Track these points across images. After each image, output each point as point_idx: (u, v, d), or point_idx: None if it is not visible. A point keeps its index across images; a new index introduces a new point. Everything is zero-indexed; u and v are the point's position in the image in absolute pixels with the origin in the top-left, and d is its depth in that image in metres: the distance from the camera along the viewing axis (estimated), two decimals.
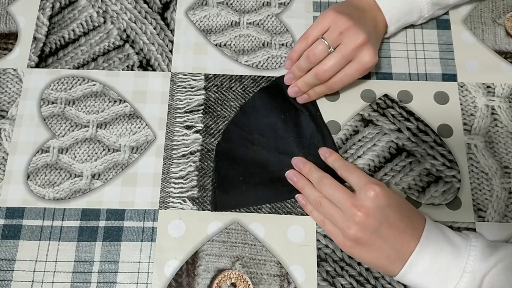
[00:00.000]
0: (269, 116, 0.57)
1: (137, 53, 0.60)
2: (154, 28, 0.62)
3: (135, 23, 0.62)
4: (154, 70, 0.60)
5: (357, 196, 0.47)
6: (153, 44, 0.61)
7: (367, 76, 0.59)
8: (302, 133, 0.56)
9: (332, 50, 0.52)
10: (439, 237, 0.46)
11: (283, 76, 0.58)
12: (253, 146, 0.55)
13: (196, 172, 0.55)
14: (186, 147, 0.56)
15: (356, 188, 0.48)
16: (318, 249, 0.52)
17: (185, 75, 0.59)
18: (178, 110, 0.58)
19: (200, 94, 0.58)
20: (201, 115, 0.57)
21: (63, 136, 0.57)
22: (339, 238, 0.48)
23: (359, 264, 0.51)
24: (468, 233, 0.48)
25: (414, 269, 0.45)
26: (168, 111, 0.58)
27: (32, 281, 0.51)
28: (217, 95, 0.58)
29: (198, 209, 0.53)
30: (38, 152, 0.56)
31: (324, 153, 0.54)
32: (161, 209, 0.53)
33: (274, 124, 0.56)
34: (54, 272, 0.51)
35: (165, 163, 0.55)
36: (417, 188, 0.54)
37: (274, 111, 0.57)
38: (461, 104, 0.58)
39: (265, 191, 0.53)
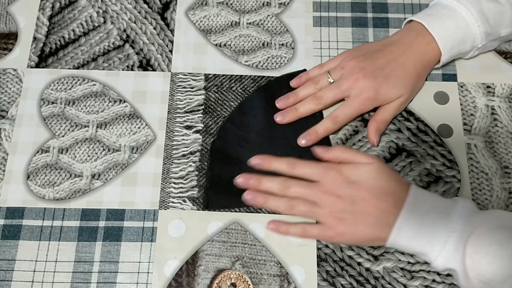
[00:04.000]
0: (266, 116, 0.56)
1: (137, 53, 0.60)
2: (154, 28, 0.62)
3: (135, 23, 0.62)
4: (154, 70, 0.60)
5: (322, 184, 0.49)
6: (153, 44, 0.61)
7: None
8: (298, 134, 0.55)
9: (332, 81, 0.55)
10: (425, 200, 0.47)
11: (281, 76, 0.58)
12: (249, 145, 0.55)
13: (196, 172, 0.55)
14: (186, 147, 0.56)
15: (317, 178, 0.49)
16: (318, 249, 0.52)
17: (185, 75, 0.59)
18: (178, 110, 0.58)
19: (200, 94, 0.58)
20: (201, 115, 0.57)
21: (63, 136, 0.57)
22: (327, 233, 0.49)
23: (359, 264, 0.51)
24: (456, 198, 0.49)
25: (402, 233, 0.46)
26: (168, 111, 0.58)
27: (32, 281, 0.51)
28: (217, 95, 0.58)
29: (198, 209, 0.53)
30: (38, 152, 0.56)
31: (257, 161, 0.51)
32: (161, 209, 0.53)
33: (271, 124, 0.56)
34: (54, 272, 0.51)
35: (165, 163, 0.55)
36: None
37: (271, 111, 0.56)
38: (461, 104, 0.58)
39: None
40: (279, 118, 0.56)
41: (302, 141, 0.54)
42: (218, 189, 0.53)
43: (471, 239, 0.44)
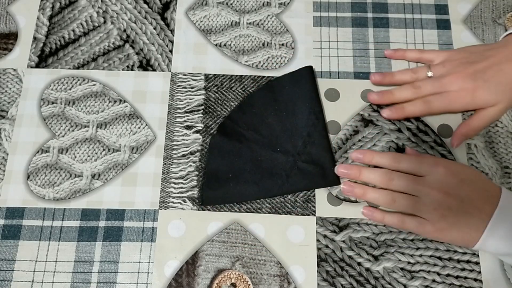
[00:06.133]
0: (265, 114, 0.57)
1: (137, 53, 0.60)
2: (154, 28, 0.62)
3: (135, 23, 0.62)
4: (154, 70, 0.60)
5: (429, 179, 0.48)
6: (153, 44, 0.61)
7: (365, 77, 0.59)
8: (298, 133, 0.55)
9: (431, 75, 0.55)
10: None
11: (282, 75, 0.58)
12: (247, 142, 0.55)
13: (196, 172, 0.55)
14: (186, 147, 0.56)
15: (422, 173, 0.49)
16: (318, 249, 0.52)
17: (185, 75, 0.59)
18: (178, 110, 0.58)
19: (200, 94, 0.58)
20: (201, 115, 0.57)
21: (63, 136, 0.57)
22: (427, 228, 0.48)
23: (359, 264, 0.51)
24: None
25: (495, 232, 0.46)
26: (168, 111, 0.58)
27: (32, 281, 0.51)
28: (217, 95, 0.58)
29: (198, 209, 0.53)
30: (38, 152, 0.56)
31: (357, 155, 0.52)
32: (161, 209, 0.53)
33: (271, 122, 0.56)
34: (54, 272, 0.51)
35: (165, 163, 0.55)
36: None
37: (271, 110, 0.57)
38: None
39: (253, 188, 0.53)
40: (373, 97, 0.56)
41: (387, 112, 0.55)
42: (213, 186, 0.54)
43: None
